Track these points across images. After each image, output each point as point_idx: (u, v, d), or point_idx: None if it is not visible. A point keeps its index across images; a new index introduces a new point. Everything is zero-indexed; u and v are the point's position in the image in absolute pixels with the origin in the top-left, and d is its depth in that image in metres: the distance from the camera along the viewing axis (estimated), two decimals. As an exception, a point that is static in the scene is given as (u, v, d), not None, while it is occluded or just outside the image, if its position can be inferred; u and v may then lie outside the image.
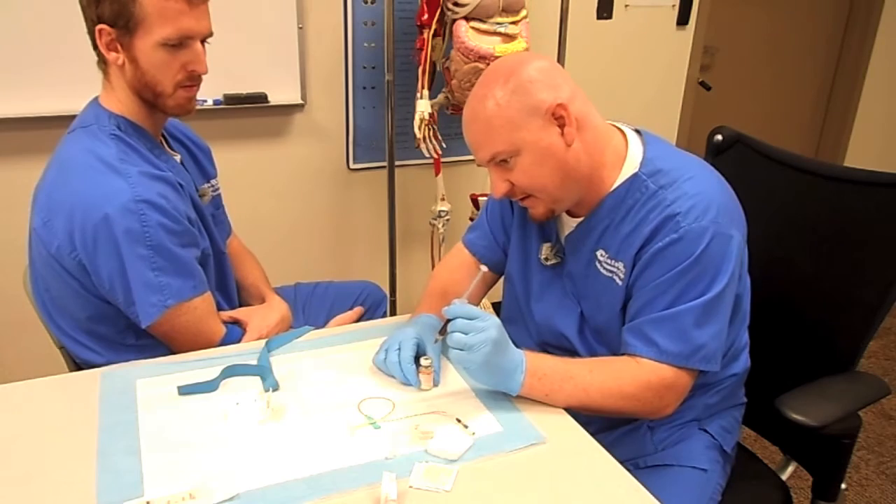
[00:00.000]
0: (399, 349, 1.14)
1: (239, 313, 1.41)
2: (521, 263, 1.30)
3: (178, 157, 1.35)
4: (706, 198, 1.07)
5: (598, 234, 1.15)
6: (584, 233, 1.17)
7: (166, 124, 1.34)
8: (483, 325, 1.02)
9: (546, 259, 1.24)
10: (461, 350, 1.02)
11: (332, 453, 0.98)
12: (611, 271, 1.14)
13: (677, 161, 1.13)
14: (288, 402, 1.09)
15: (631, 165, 1.13)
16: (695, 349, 1.07)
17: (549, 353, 1.18)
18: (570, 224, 1.20)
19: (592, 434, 1.04)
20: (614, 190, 1.13)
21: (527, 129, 1.05)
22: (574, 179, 1.10)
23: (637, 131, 1.18)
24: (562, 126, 1.06)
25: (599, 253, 1.16)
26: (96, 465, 0.94)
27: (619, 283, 1.13)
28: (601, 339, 1.19)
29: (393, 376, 1.15)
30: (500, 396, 1.10)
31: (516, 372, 1.06)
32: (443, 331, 1.07)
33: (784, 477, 1.35)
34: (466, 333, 1.02)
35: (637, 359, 1.09)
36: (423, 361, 1.13)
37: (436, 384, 1.14)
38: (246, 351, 1.23)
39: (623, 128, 1.17)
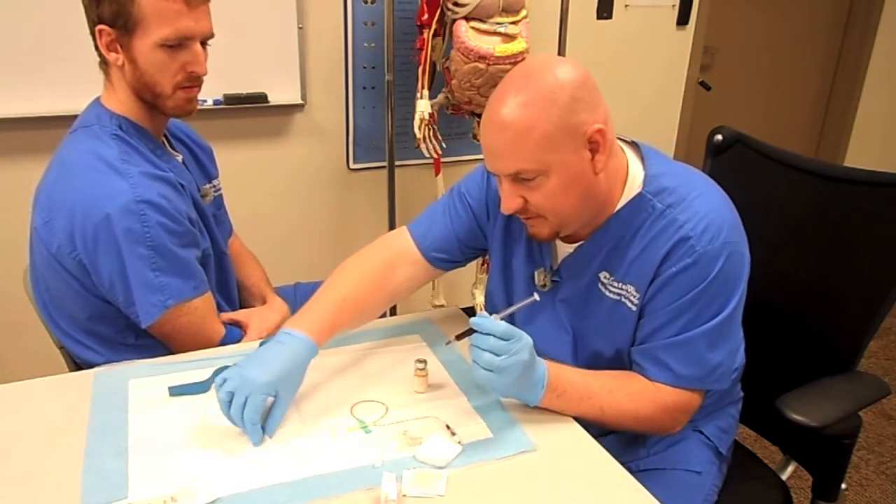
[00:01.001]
0: (244, 403, 0.98)
1: (239, 315, 1.41)
2: (504, 286, 1.26)
3: (179, 158, 1.35)
4: (718, 217, 1.05)
5: (601, 257, 1.12)
6: (586, 257, 1.13)
7: (168, 124, 1.34)
8: (517, 348, 0.97)
9: (543, 286, 1.19)
10: (490, 371, 0.97)
11: (319, 457, 0.97)
12: (619, 293, 1.11)
13: (680, 177, 1.09)
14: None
15: (633, 184, 1.09)
16: (709, 371, 1.07)
17: None
18: (565, 248, 1.16)
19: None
20: (618, 211, 1.09)
21: (562, 151, 0.99)
22: (591, 206, 1.07)
23: (632, 143, 1.14)
24: (594, 152, 1.01)
25: (603, 275, 1.12)
26: (82, 466, 0.94)
27: (633, 307, 1.10)
28: (595, 364, 1.16)
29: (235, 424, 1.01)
30: (493, 401, 1.10)
31: (538, 386, 1.04)
32: (461, 336, 1.03)
33: (784, 477, 1.35)
34: (498, 355, 0.97)
35: (655, 384, 1.08)
36: (417, 364, 1.12)
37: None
38: (239, 352, 1.23)
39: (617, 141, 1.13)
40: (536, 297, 1.07)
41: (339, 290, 1.18)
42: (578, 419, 1.08)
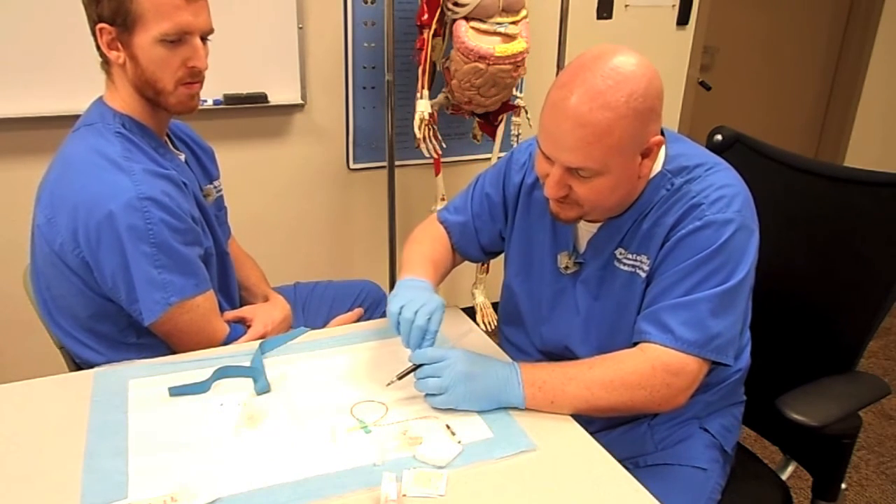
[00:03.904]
0: (417, 310, 1.09)
1: (244, 311, 1.42)
2: (527, 272, 1.28)
3: (182, 157, 1.35)
4: (732, 190, 1.07)
5: (621, 235, 1.14)
6: (607, 235, 1.15)
7: (170, 125, 1.35)
8: (449, 363, 1.04)
9: (566, 268, 1.21)
10: (441, 394, 1.04)
11: (319, 457, 0.97)
12: (633, 265, 1.13)
13: (699, 157, 1.12)
14: (279, 405, 1.08)
15: (656, 165, 1.12)
16: (709, 338, 1.05)
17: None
18: (589, 229, 1.18)
19: (593, 433, 1.04)
20: (641, 192, 1.12)
21: (625, 157, 1.01)
22: (624, 203, 1.11)
23: None
24: (644, 157, 1.04)
25: (619, 252, 1.14)
26: (82, 466, 0.94)
27: (643, 275, 1.12)
28: (606, 347, 1.16)
29: (397, 333, 1.11)
30: None
31: (510, 385, 1.05)
32: (402, 374, 1.09)
33: (784, 477, 1.35)
34: (439, 377, 1.04)
35: (642, 346, 1.07)
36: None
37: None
38: (240, 352, 1.23)
39: None
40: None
41: (426, 253, 1.30)
42: (579, 414, 1.07)
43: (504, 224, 1.32)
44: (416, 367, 1.08)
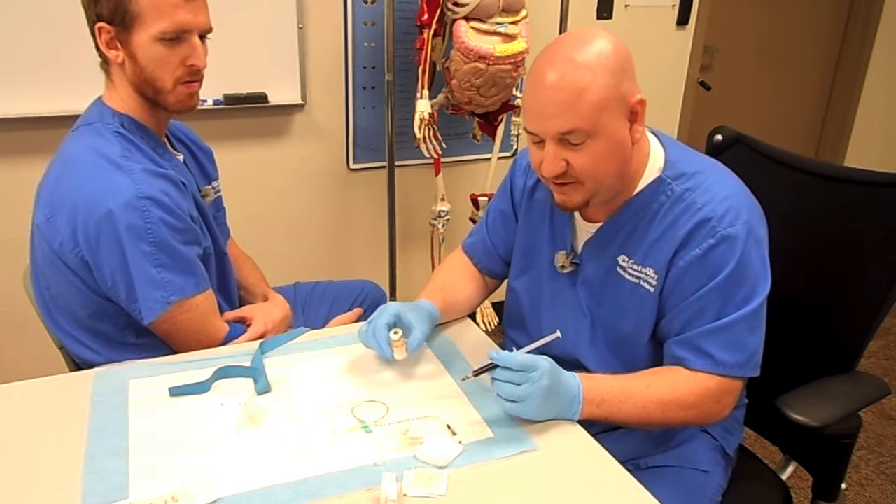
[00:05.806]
0: (373, 320, 1.14)
1: (243, 311, 1.42)
2: (528, 273, 1.28)
3: (180, 157, 1.35)
4: (737, 200, 1.07)
5: (620, 240, 1.14)
6: (606, 238, 1.15)
7: (169, 126, 1.35)
8: (536, 376, 0.99)
9: (563, 267, 1.21)
10: (515, 402, 1.00)
11: (320, 457, 0.97)
12: (638, 277, 1.12)
13: (698, 164, 1.12)
14: (279, 405, 1.08)
15: (653, 167, 1.11)
16: (749, 357, 1.07)
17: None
18: (587, 229, 1.18)
19: (594, 434, 1.04)
20: (638, 193, 1.11)
21: (611, 115, 1.01)
22: (623, 177, 1.09)
23: (652, 132, 1.16)
24: (632, 122, 1.04)
25: (622, 258, 1.14)
26: (83, 466, 0.94)
27: (651, 289, 1.11)
28: (616, 351, 1.17)
29: (370, 346, 1.15)
30: (495, 402, 1.07)
31: (573, 404, 1.04)
32: (479, 371, 1.04)
33: (784, 477, 1.35)
34: (518, 384, 0.99)
35: (687, 370, 1.08)
36: (391, 335, 1.12)
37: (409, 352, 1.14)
38: (240, 353, 1.23)
39: None
40: (559, 333, 1.08)
41: (437, 281, 1.35)
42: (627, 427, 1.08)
43: (515, 220, 1.33)
44: (494, 366, 1.03)
